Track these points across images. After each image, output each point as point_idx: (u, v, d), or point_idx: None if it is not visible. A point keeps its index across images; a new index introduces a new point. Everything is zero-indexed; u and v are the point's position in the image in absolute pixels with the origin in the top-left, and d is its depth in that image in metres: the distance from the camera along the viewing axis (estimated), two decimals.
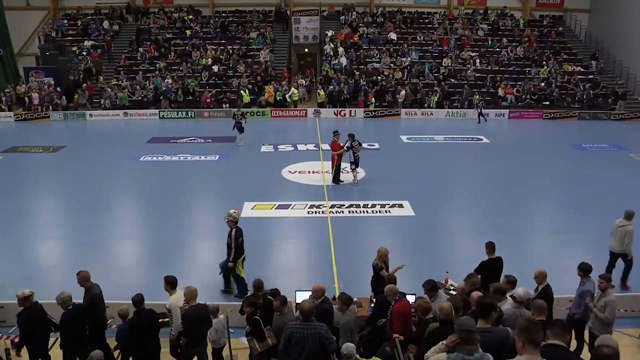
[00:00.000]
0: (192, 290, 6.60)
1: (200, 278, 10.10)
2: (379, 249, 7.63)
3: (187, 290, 6.61)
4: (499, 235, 9.21)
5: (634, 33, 28.76)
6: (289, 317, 6.38)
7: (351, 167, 15.68)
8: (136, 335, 6.52)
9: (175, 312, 6.86)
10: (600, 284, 6.93)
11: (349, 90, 27.82)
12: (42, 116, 26.60)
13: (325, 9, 33.59)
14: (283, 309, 6.45)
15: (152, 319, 6.71)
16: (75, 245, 11.83)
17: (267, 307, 6.78)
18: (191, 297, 6.57)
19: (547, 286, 7.08)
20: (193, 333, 6.61)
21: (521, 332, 3.91)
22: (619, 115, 27.22)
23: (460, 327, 4.33)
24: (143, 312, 6.60)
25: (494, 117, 27.19)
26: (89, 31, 31.90)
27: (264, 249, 11.45)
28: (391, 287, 6.65)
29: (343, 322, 6.55)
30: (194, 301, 6.57)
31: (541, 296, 6.90)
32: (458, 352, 4.26)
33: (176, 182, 16.18)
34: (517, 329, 3.98)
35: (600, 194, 15.13)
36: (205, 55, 30.17)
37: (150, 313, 6.70)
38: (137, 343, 6.55)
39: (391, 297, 6.55)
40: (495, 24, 33.03)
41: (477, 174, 17.60)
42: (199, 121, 26.56)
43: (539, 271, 7.19)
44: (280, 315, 6.46)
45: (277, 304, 6.45)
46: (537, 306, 5.77)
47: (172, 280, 7.11)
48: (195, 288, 6.70)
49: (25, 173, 17.45)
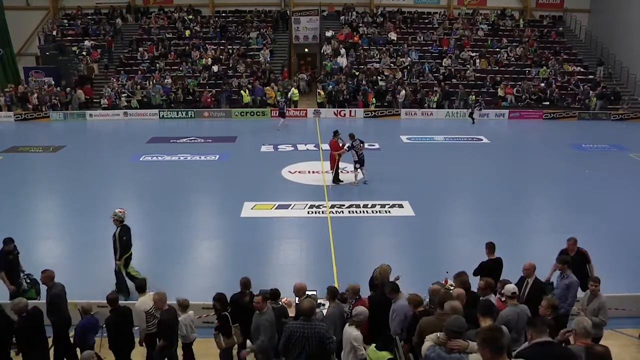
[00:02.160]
0: (162, 296, 6.64)
1: (200, 278, 10.14)
2: (382, 265, 7.57)
3: (158, 296, 6.64)
4: (498, 235, 9.21)
5: (634, 33, 28.76)
6: (267, 316, 6.36)
7: (355, 167, 15.62)
8: (114, 334, 6.59)
9: (140, 316, 6.86)
10: (594, 287, 6.89)
11: (349, 90, 27.82)
12: (42, 116, 26.61)
13: (325, 9, 33.60)
14: (263, 305, 6.38)
15: (128, 317, 6.76)
16: (75, 245, 11.84)
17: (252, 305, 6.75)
18: (162, 302, 6.61)
19: (536, 279, 7.14)
20: (170, 336, 6.67)
21: (486, 342, 3.79)
22: (619, 115, 27.23)
23: (449, 326, 4.47)
24: (119, 311, 6.66)
25: (494, 117, 27.20)
26: (89, 31, 31.92)
27: (264, 249, 11.47)
28: (352, 286, 6.66)
29: (327, 313, 6.57)
30: (165, 305, 6.63)
31: (534, 290, 6.94)
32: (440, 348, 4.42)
33: (176, 182, 16.18)
34: (480, 339, 3.84)
35: (600, 194, 15.14)
36: (205, 55, 30.17)
37: (125, 311, 6.75)
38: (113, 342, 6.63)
39: (350, 296, 6.53)
40: (495, 24, 33.04)
41: (477, 174, 17.59)
42: (199, 121, 26.56)
43: (530, 264, 7.21)
44: (259, 314, 6.40)
45: (259, 300, 6.36)
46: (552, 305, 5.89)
47: (142, 284, 7.17)
48: (164, 293, 6.74)
49: (25, 173, 17.44)
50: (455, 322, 4.47)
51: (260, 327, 6.32)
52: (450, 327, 4.43)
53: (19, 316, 6.50)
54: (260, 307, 6.37)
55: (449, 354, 4.35)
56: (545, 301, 5.98)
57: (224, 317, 6.69)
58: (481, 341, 3.83)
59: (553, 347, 4.42)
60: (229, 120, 26.63)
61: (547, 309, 5.83)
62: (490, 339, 3.78)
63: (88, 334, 6.69)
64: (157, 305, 6.63)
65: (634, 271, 9.92)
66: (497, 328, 3.98)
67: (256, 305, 6.37)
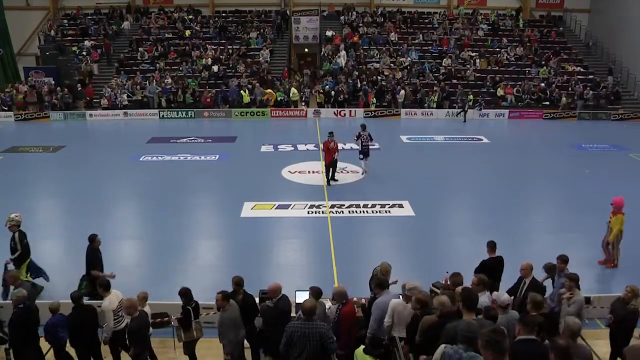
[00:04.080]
0: (133, 302, 6.55)
1: (200, 278, 10.13)
2: (382, 263, 7.58)
3: (128, 302, 6.55)
4: (498, 235, 9.20)
5: (634, 33, 28.76)
6: (232, 314, 6.44)
7: (359, 157, 16.51)
8: (74, 331, 6.59)
9: (107, 315, 6.83)
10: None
11: (349, 90, 27.82)
12: (42, 116, 26.61)
13: (325, 9, 33.61)
14: (224, 304, 6.43)
15: (91, 315, 6.74)
16: (75, 245, 11.79)
17: (246, 304, 6.81)
18: (134, 308, 6.49)
19: (533, 279, 7.16)
20: (142, 342, 6.62)
21: (488, 345, 3.80)
22: (619, 115, 27.24)
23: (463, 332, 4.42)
24: (81, 309, 6.64)
25: (494, 117, 27.21)
26: (89, 31, 31.92)
27: (264, 249, 11.46)
28: (339, 290, 6.62)
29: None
30: (136, 312, 6.51)
31: (531, 289, 6.94)
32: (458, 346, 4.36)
33: (176, 182, 16.18)
34: (483, 341, 3.84)
35: (600, 194, 15.10)
36: (205, 55, 30.17)
37: (89, 310, 6.73)
38: (74, 339, 6.63)
39: (338, 300, 6.51)
40: (495, 24, 33.04)
41: (477, 174, 17.59)
42: (199, 121, 26.57)
43: (527, 263, 7.22)
44: (223, 311, 6.46)
45: (219, 298, 6.42)
46: (533, 301, 5.81)
47: (106, 283, 7.12)
48: (135, 299, 6.69)
49: (25, 173, 17.44)
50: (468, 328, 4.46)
51: (223, 324, 6.47)
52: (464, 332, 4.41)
53: (17, 307, 6.45)
54: (221, 305, 6.45)
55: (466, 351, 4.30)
56: (530, 298, 5.97)
57: (187, 311, 6.84)
58: (484, 344, 3.85)
59: (536, 345, 4.52)
60: (229, 120, 26.64)
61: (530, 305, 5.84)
62: (493, 342, 3.80)
63: (58, 331, 6.69)
64: (128, 312, 6.51)
65: (633, 271, 9.91)
66: (500, 330, 4.00)
67: (217, 303, 6.48)
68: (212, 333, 7.10)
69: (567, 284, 6.76)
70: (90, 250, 8.73)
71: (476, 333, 4.29)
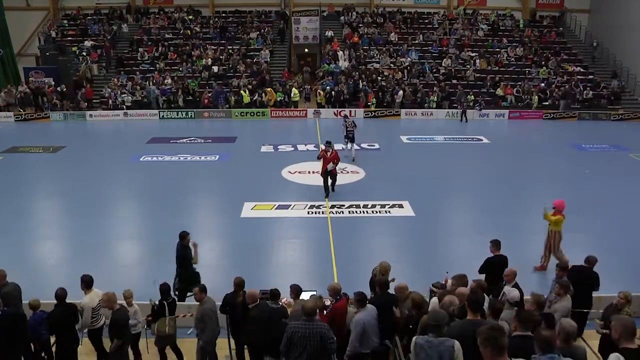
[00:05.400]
0: (111, 296, 6.62)
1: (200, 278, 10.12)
2: (382, 263, 7.59)
3: (107, 296, 6.64)
4: (498, 235, 9.18)
5: (634, 33, 28.75)
6: (207, 306, 6.68)
7: (344, 142, 18.24)
8: (56, 329, 6.59)
9: (86, 313, 6.86)
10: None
11: (349, 90, 27.82)
12: (42, 116, 26.61)
13: (325, 9, 33.60)
14: (202, 296, 6.74)
15: (73, 313, 6.74)
16: (75, 245, 11.83)
17: (246, 305, 6.80)
18: (112, 302, 6.60)
19: (516, 284, 7.18)
20: (123, 334, 6.67)
21: (487, 342, 3.83)
22: (619, 115, 27.24)
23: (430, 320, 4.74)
24: (63, 307, 6.65)
25: (494, 117, 27.21)
26: (89, 31, 31.91)
27: (264, 249, 11.46)
28: (333, 287, 6.73)
29: (292, 310, 6.66)
30: (116, 305, 6.63)
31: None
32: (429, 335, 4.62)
33: (176, 183, 16.18)
34: (482, 338, 3.87)
35: (600, 194, 15.13)
36: (205, 56, 30.17)
37: (71, 308, 6.74)
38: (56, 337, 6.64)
39: (332, 295, 6.62)
40: (495, 24, 33.04)
41: (477, 174, 17.58)
42: (199, 121, 26.57)
43: (511, 270, 7.30)
44: (201, 305, 6.71)
45: (197, 291, 6.73)
46: (537, 301, 5.87)
47: (88, 279, 7.10)
48: (114, 293, 6.74)
49: (26, 173, 17.44)
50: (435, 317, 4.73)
51: (204, 316, 6.66)
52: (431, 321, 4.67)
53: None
54: (199, 298, 6.75)
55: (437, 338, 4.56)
56: (532, 297, 6.01)
57: (162, 305, 7.01)
58: (482, 340, 3.87)
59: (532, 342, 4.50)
60: (229, 121, 26.65)
61: (533, 304, 5.88)
62: (491, 339, 3.82)
63: (38, 330, 6.69)
64: (108, 305, 6.64)
65: (634, 271, 9.91)
66: (498, 328, 4.02)
67: (195, 296, 6.78)
68: None
69: (557, 290, 6.79)
70: (180, 247, 8.83)
71: (442, 321, 4.63)
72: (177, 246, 8.86)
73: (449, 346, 4.51)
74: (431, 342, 4.56)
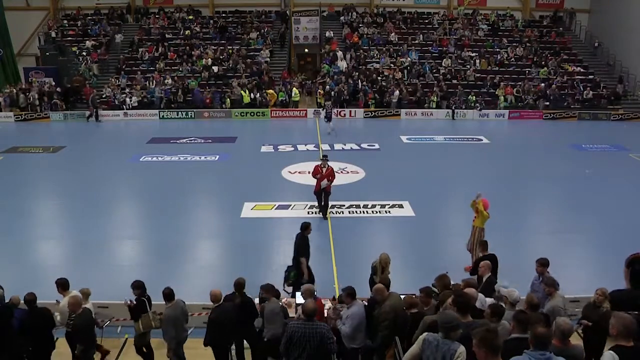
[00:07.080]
0: (76, 299, 6.53)
1: (200, 278, 10.12)
2: (381, 255, 7.60)
3: (73, 299, 6.52)
4: (498, 235, 9.23)
5: (634, 33, 28.73)
6: (174, 311, 6.71)
7: (325, 120, 22.66)
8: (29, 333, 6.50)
9: (62, 316, 6.79)
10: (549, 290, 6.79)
11: (349, 91, 27.82)
12: (42, 116, 26.62)
13: (325, 9, 33.59)
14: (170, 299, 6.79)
15: (45, 317, 6.65)
16: (76, 245, 11.84)
17: (245, 305, 6.82)
18: (77, 305, 6.46)
19: (490, 276, 7.25)
20: (89, 337, 6.59)
21: (482, 343, 3.87)
22: (619, 115, 27.24)
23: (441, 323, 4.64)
24: (35, 311, 6.57)
25: (494, 117, 27.22)
26: (88, 31, 31.90)
27: (264, 249, 11.47)
28: (307, 286, 6.69)
29: (267, 309, 6.67)
30: (80, 308, 6.48)
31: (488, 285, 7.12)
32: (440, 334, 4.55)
33: (176, 183, 16.18)
34: (477, 340, 3.91)
35: (600, 194, 15.13)
36: (205, 56, 30.18)
37: (43, 311, 6.66)
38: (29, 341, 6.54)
39: (307, 295, 6.57)
40: (495, 24, 33.04)
41: (477, 174, 17.56)
42: (199, 121, 26.57)
43: (485, 262, 7.40)
44: (168, 307, 6.73)
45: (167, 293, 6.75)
46: (530, 303, 5.88)
47: (63, 282, 7.02)
48: (79, 296, 6.69)
49: (26, 173, 17.44)
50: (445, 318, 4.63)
51: (163, 321, 6.77)
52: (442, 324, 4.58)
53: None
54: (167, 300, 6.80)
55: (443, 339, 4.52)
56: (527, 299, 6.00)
57: (142, 302, 6.98)
58: (477, 342, 3.92)
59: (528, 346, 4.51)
60: (229, 121, 26.65)
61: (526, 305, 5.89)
62: (486, 340, 3.87)
63: None
64: (72, 309, 6.47)
65: None
66: (493, 329, 4.08)
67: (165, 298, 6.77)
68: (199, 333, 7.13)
69: (547, 291, 6.66)
70: (300, 236, 8.86)
71: (452, 323, 4.53)
72: (297, 236, 8.87)
73: (452, 349, 4.46)
74: (440, 341, 4.51)
